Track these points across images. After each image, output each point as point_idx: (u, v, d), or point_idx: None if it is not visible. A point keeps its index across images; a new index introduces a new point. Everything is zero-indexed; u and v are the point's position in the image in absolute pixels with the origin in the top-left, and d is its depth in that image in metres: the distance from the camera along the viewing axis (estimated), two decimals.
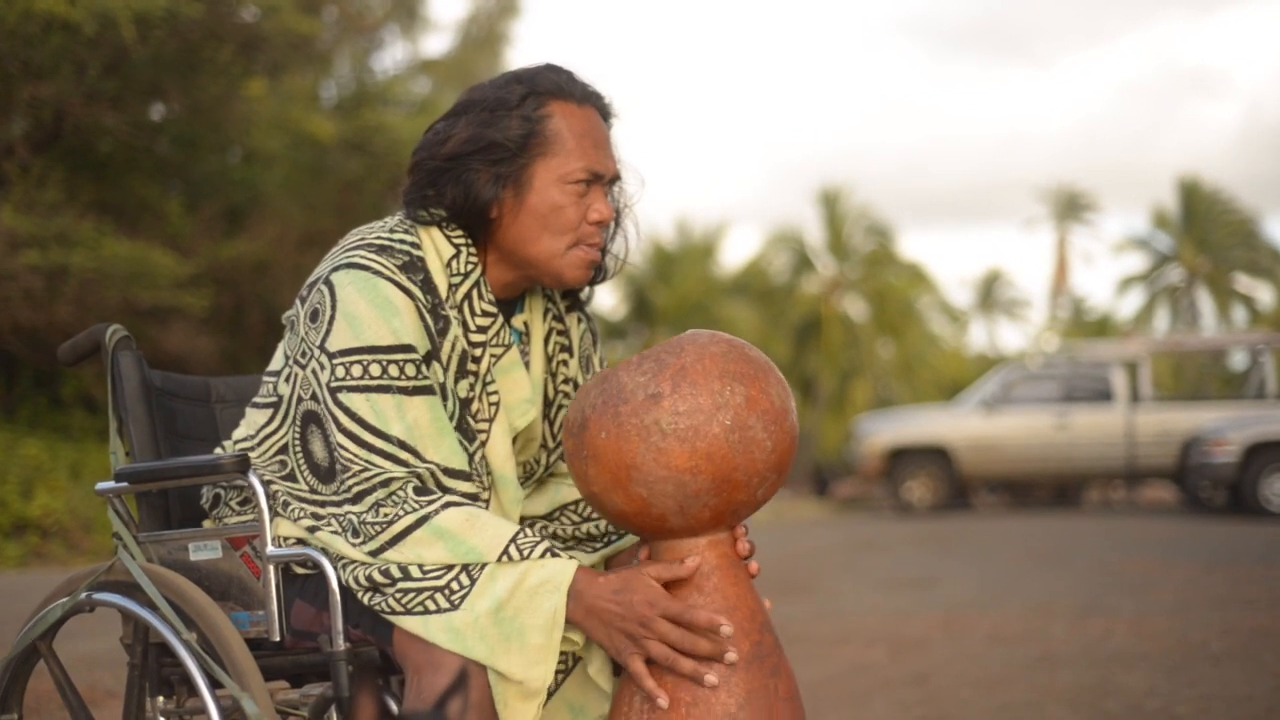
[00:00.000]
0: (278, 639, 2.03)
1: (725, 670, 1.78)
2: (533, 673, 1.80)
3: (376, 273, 1.93)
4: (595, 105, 2.03)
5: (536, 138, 1.96)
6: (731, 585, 1.82)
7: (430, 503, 1.87)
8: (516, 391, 2.05)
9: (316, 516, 1.98)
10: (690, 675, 1.77)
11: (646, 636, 1.78)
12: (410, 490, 1.88)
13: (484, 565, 1.84)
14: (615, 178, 2.03)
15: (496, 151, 1.96)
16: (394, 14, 20.27)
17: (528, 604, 1.81)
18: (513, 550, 1.84)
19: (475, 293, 2.00)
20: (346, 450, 1.90)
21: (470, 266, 2.00)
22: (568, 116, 1.98)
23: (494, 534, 1.85)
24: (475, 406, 2.00)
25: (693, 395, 1.77)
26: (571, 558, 1.86)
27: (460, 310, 1.99)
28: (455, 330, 1.98)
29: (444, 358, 1.98)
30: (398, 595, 1.86)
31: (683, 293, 31.98)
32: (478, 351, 2.00)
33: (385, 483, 1.88)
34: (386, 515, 1.87)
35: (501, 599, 1.81)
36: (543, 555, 1.84)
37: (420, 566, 1.85)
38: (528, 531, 1.86)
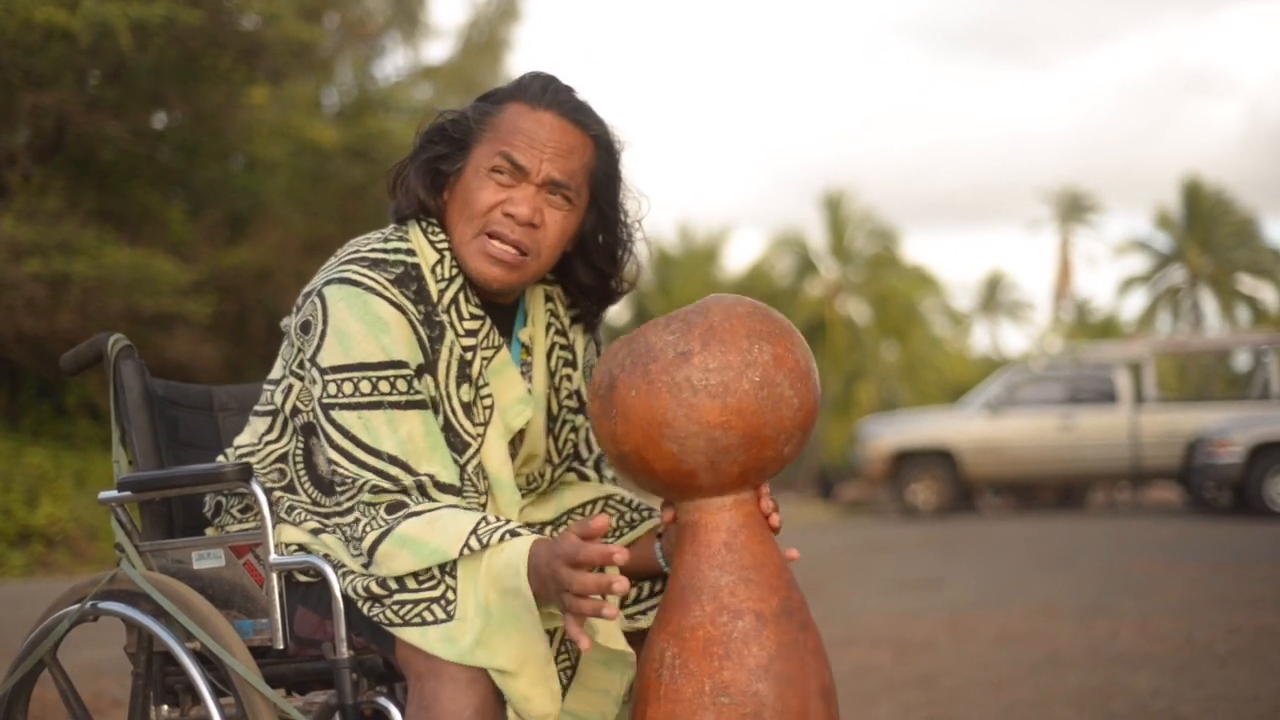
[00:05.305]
0: (281, 647, 2.03)
1: (756, 624, 1.77)
2: (530, 653, 1.80)
3: (368, 289, 1.93)
4: (561, 113, 1.99)
5: (479, 128, 2.00)
6: (758, 543, 1.83)
7: (397, 520, 1.86)
8: (510, 392, 2.04)
9: (321, 524, 1.99)
10: (591, 614, 1.69)
11: (558, 590, 1.72)
12: (382, 510, 1.87)
13: (455, 565, 1.83)
14: (552, 183, 1.97)
15: (446, 139, 2.01)
16: (395, 20, 20.30)
17: (500, 600, 1.80)
18: (473, 541, 1.82)
19: (461, 296, 2.00)
20: (339, 466, 1.91)
21: (453, 271, 2.00)
22: (515, 114, 1.99)
23: (455, 530, 1.83)
24: (472, 410, 2.00)
25: (722, 353, 1.78)
26: (536, 534, 1.83)
27: (448, 314, 1.99)
28: (450, 336, 1.98)
29: (442, 365, 1.97)
30: (395, 607, 1.85)
31: (685, 297, 31.92)
32: (469, 355, 2.00)
33: (365, 497, 1.89)
34: (361, 532, 1.88)
35: (485, 600, 1.81)
36: (501, 539, 1.81)
37: (415, 576, 1.85)
38: (490, 518, 1.84)
